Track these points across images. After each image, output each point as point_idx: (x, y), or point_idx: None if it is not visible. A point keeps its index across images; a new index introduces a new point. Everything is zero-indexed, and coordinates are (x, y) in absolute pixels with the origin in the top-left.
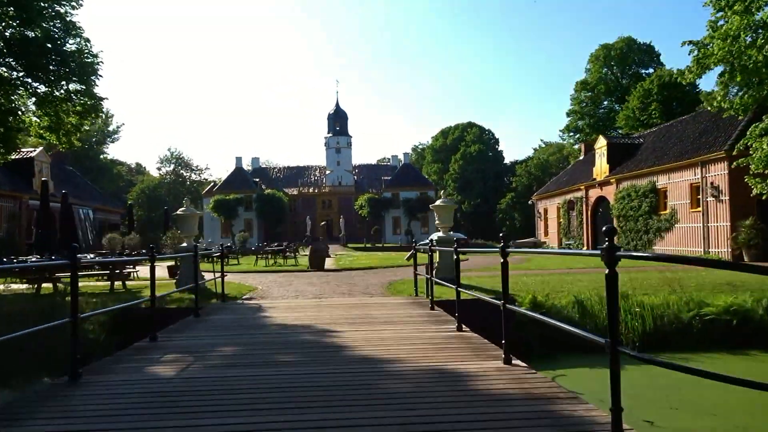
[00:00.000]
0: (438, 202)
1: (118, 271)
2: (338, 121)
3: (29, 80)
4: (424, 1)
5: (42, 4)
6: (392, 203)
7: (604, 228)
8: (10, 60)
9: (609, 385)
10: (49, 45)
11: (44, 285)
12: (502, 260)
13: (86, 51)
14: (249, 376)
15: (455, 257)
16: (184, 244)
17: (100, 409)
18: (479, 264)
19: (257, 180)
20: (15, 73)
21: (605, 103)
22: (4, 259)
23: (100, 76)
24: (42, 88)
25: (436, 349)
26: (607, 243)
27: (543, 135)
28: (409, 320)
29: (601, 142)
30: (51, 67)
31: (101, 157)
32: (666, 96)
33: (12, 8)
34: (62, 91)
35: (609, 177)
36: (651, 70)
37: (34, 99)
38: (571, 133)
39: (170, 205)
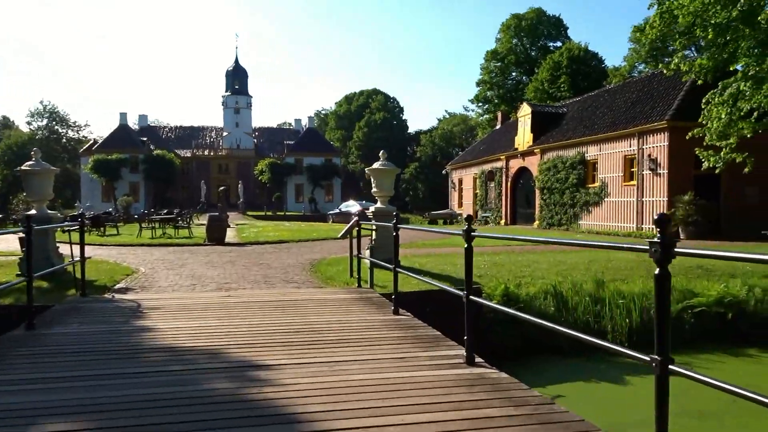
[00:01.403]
0: (376, 165)
1: None
2: (237, 79)
3: None
4: None
5: None
6: (295, 169)
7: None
8: None
9: None
10: None
11: None
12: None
13: None
14: None
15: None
16: (33, 211)
17: None
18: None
19: (145, 139)
20: None
21: (514, 74)
22: None
23: None
24: None
25: (472, 424)
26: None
27: (448, 106)
28: (376, 336)
29: (525, 110)
30: None
31: None
32: (575, 70)
33: None
34: None
35: (533, 147)
36: (559, 44)
37: None
38: (481, 103)
39: None
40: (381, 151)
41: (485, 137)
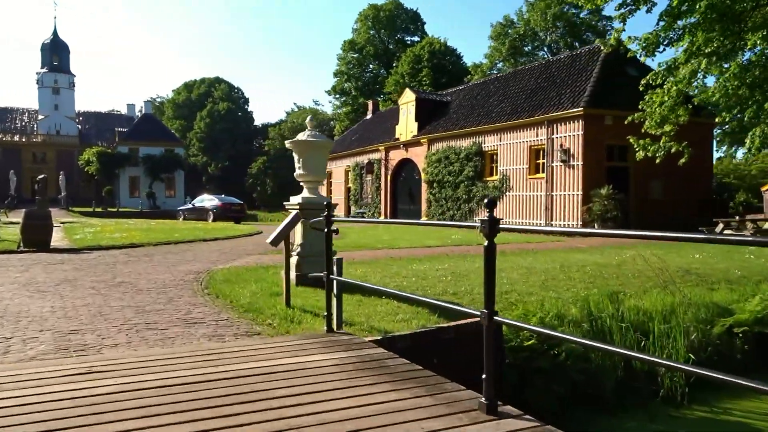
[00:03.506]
0: (303, 136)
1: None
2: (57, 53)
3: None
4: None
5: None
6: (130, 160)
7: None
8: None
9: None
10: None
11: None
12: None
13: None
14: None
15: None
16: None
17: None
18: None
19: None
20: None
21: (371, 66)
22: None
23: None
24: None
25: None
26: None
27: (296, 99)
28: None
29: (408, 97)
30: None
31: None
32: (435, 64)
33: None
34: None
35: (418, 137)
36: (417, 39)
37: None
38: (338, 95)
39: None
40: (308, 118)
41: (356, 127)
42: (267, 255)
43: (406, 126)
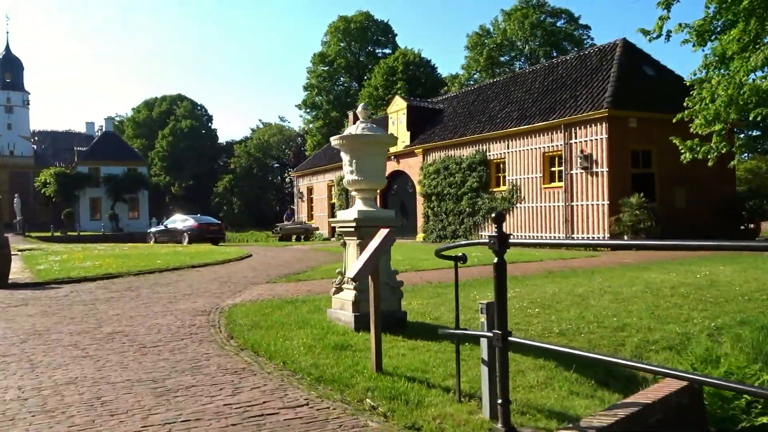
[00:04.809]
0: (355, 130)
1: None
2: (9, 70)
3: None
4: None
5: None
6: (90, 180)
7: None
8: None
9: None
10: None
11: None
12: None
13: None
14: None
15: None
16: None
17: None
18: (279, 259)
19: None
20: None
21: (342, 79)
22: None
23: None
24: None
25: None
26: None
27: (261, 116)
28: None
29: (399, 105)
30: None
31: None
32: (410, 76)
33: None
34: None
35: (412, 147)
36: (388, 51)
37: None
38: (309, 109)
39: None
40: (360, 107)
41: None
42: (278, 284)
43: (397, 136)
